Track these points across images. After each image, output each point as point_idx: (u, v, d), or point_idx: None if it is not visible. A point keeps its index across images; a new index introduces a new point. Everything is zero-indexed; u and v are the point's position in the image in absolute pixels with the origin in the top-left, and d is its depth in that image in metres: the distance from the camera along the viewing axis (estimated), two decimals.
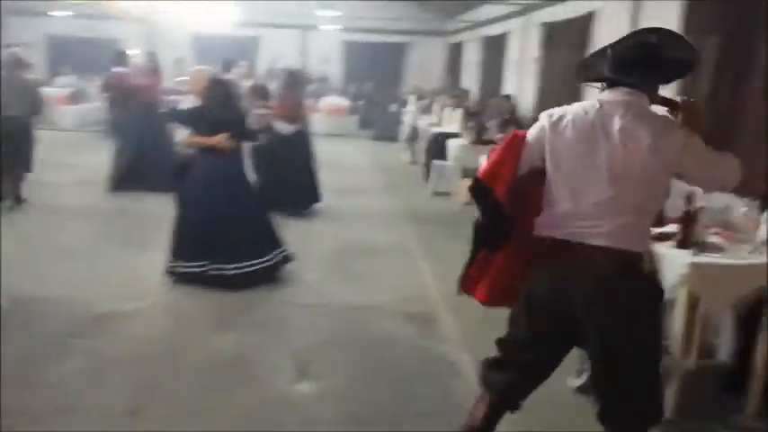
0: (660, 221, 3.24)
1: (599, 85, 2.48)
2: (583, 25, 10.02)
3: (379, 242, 6.69)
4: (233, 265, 5.01)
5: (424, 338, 4.36)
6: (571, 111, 2.43)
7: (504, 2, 13.74)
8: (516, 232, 2.53)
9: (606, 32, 9.54)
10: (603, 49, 2.40)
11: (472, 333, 4.32)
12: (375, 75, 19.91)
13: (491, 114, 11.38)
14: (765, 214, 3.29)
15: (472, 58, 17.98)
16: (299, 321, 4.57)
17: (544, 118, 2.48)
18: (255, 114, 6.88)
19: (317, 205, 7.80)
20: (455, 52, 20.16)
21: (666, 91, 2.55)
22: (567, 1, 10.74)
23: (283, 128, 7.40)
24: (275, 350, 4.09)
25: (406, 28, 20.04)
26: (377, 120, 17.29)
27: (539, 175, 2.49)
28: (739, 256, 3.22)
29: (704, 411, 3.38)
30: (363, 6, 18.19)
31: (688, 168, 2.33)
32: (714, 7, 6.49)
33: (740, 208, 3.54)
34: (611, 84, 2.40)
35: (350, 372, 3.87)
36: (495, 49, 15.54)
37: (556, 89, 11.21)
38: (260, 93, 7.51)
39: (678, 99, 2.47)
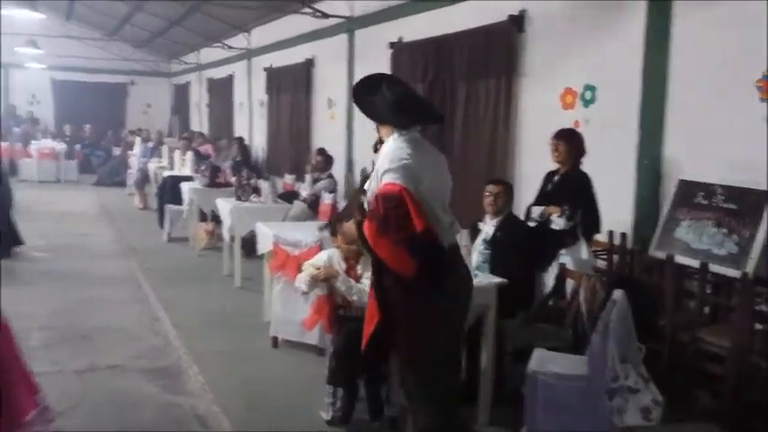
0: None
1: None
2: (304, 70, 10.55)
3: (110, 296, 6.20)
4: None
5: (170, 394, 4.15)
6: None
7: (222, 47, 13.88)
8: None
9: (323, 77, 10.18)
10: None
11: (219, 383, 4.24)
12: (94, 116, 18.70)
13: (224, 157, 11.37)
14: (473, 243, 3.74)
15: (199, 100, 17.80)
16: None
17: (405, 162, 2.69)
18: None
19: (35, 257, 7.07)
20: (182, 93, 19.75)
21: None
22: (287, 48, 11.22)
23: None
24: None
25: (126, 68, 19.13)
26: (100, 164, 16.21)
27: None
28: None
29: None
30: (76, 45, 17.00)
31: None
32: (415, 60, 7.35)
33: None
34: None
35: None
36: (221, 91, 15.59)
37: (284, 130, 11.59)
38: None
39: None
